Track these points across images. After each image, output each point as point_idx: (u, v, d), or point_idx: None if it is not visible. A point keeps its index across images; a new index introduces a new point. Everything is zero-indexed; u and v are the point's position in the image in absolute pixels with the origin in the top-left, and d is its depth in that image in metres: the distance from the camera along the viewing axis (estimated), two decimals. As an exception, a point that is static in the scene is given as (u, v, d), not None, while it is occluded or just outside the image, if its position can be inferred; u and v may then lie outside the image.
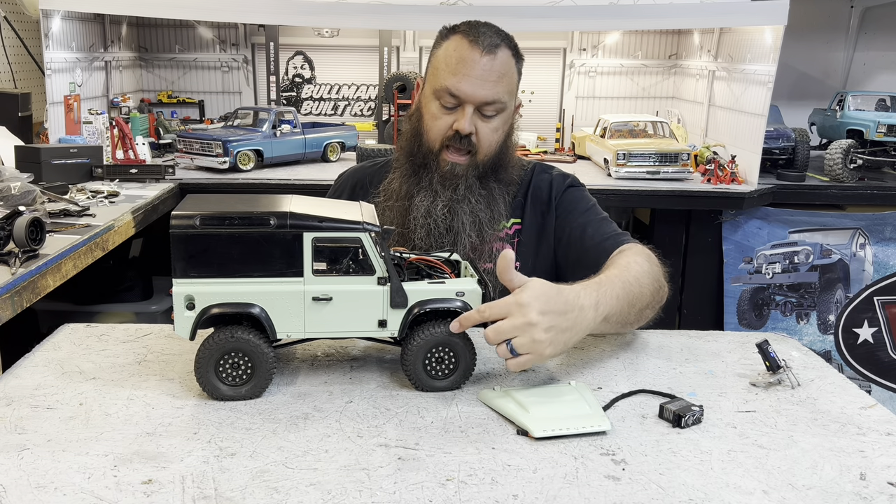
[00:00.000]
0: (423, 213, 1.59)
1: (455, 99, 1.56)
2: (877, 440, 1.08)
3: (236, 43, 3.75)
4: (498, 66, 1.56)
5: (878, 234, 3.15)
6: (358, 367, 1.27)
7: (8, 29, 3.13)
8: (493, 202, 1.63)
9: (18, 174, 2.06)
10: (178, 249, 1.08)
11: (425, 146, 1.62)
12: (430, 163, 1.61)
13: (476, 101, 1.56)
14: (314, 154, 3.22)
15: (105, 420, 1.07)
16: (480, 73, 1.54)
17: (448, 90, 1.56)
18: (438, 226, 1.59)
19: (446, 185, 1.60)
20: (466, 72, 1.54)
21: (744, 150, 3.03)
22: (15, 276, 1.59)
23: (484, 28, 1.59)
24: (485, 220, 1.61)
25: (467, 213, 1.59)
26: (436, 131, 1.60)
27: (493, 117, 1.59)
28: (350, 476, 0.94)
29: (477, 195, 1.61)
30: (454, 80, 1.55)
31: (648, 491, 0.93)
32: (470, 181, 1.60)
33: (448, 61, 1.57)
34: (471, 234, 1.59)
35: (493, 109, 1.58)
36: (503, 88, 1.58)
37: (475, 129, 1.58)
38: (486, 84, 1.55)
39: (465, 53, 1.55)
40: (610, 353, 1.37)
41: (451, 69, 1.56)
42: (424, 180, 1.61)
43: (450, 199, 1.59)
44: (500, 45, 1.57)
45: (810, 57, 3.89)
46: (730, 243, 3.10)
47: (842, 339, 3.23)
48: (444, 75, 1.57)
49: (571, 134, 3.70)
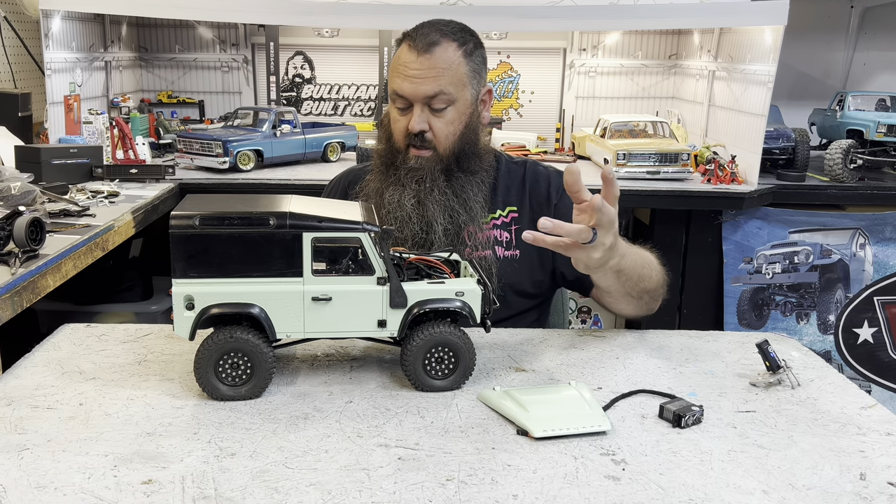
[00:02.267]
0: (395, 206, 1.64)
1: (403, 100, 1.65)
2: (877, 440, 1.08)
3: (236, 43, 3.75)
4: (436, 62, 1.62)
5: (878, 234, 3.15)
6: (358, 367, 1.27)
7: (8, 29, 3.12)
8: (462, 192, 1.67)
9: (18, 174, 2.06)
10: (178, 249, 1.08)
11: (393, 147, 1.70)
12: (398, 160, 1.68)
13: (419, 99, 1.63)
14: (314, 154, 3.22)
15: (105, 420, 1.07)
16: (416, 72, 1.62)
17: (395, 92, 1.65)
18: (411, 217, 1.64)
19: (413, 178, 1.66)
20: (405, 72, 1.63)
21: (744, 150, 3.03)
22: (15, 276, 1.58)
23: (426, 28, 1.65)
24: (459, 207, 1.66)
25: (437, 202, 1.64)
26: (398, 133, 1.69)
27: (444, 110, 1.65)
28: (350, 476, 0.94)
29: (443, 185, 1.65)
30: (398, 82, 1.64)
31: (648, 491, 0.93)
32: (434, 174, 1.66)
33: (393, 65, 1.68)
34: (444, 223, 1.64)
35: (441, 102, 1.63)
36: (446, 81, 1.63)
37: (429, 125, 1.64)
38: (424, 81, 1.62)
39: (404, 56, 1.64)
40: (610, 353, 1.37)
41: (394, 72, 1.66)
42: (393, 176, 1.68)
43: (416, 191, 1.65)
44: (440, 40, 1.63)
45: (810, 57, 3.89)
46: (730, 243, 3.10)
47: (842, 339, 3.23)
48: (392, 80, 1.67)
49: (571, 134, 3.70)
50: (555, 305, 1.89)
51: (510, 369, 1.28)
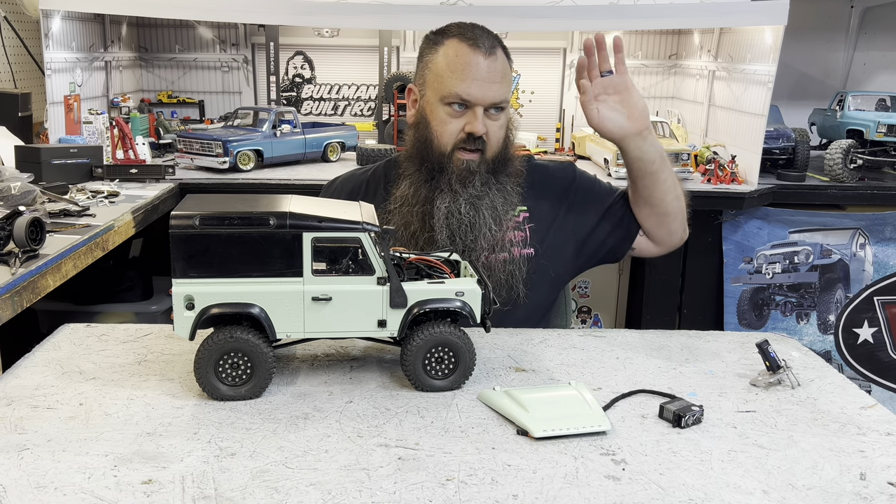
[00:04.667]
0: (446, 214, 1.61)
1: (465, 103, 1.60)
2: (877, 440, 1.08)
3: (236, 43, 3.75)
4: (499, 67, 1.61)
5: (878, 234, 3.15)
6: (358, 367, 1.27)
7: (8, 29, 3.12)
8: (507, 194, 1.67)
9: (18, 174, 2.05)
10: (178, 249, 1.08)
11: (437, 151, 1.64)
12: (445, 165, 1.63)
13: (486, 103, 1.60)
14: (314, 154, 3.22)
15: (105, 420, 1.07)
16: (486, 75, 1.58)
17: (458, 95, 1.59)
18: (462, 224, 1.62)
19: (464, 184, 1.63)
20: (474, 75, 1.57)
21: (744, 150, 3.03)
22: (15, 276, 1.58)
23: (479, 30, 1.63)
24: (502, 212, 1.66)
25: (488, 206, 1.63)
26: (447, 136, 1.62)
27: (499, 115, 1.64)
28: (350, 476, 0.94)
29: (494, 189, 1.65)
30: (464, 86, 1.58)
31: (648, 491, 0.93)
32: (484, 176, 1.64)
33: (452, 67, 1.59)
34: (492, 226, 1.64)
35: (499, 107, 1.63)
36: (506, 88, 1.63)
37: (485, 128, 1.62)
38: (493, 86, 1.59)
39: (470, 58, 1.58)
40: (610, 353, 1.37)
41: (459, 75, 1.58)
42: (443, 183, 1.63)
43: (470, 195, 1.63)
44: (496, 45, 1.62)
45: (810, 57, 3.88)
46: (730, 243, 3.10)
47: (842, 339, 3.23)
48: (451, 81, 1.59)
49: (571, 134, 3.70)
50: (558, 307, 1.89)
51: (510, 369, 1.28)
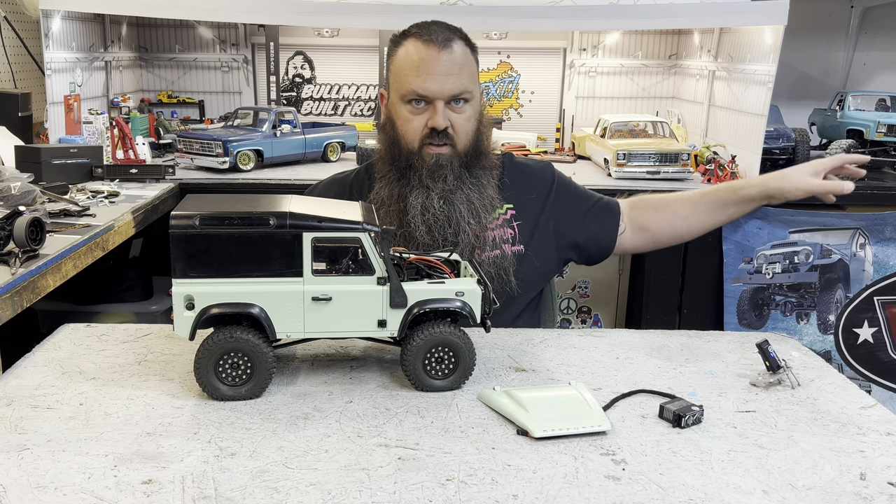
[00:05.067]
0: (420, 210, 1.62)
1: (424, 98, 1.62)
2: (877, 440, 1.08)
3: (236, 43, 3.75)
4: (457, 58, 1.62)
5: (878, 234, 3.15)
6: (358, 367, 1.27)
7: (8, 29, 3.12)
8: (483, 188, 1.67)
9: (18, 174, 2.05)
10: (178, 249, 1.08)
11: (405, 149, 1.66)
12: (415, 162, 1.65)
13: (444, 97, 1.61)
14: (314, 154, 3.21)
15: (105, 420, 1.07)
16: (442, 68, 1.60)
17: (415, 92, 1.61)
18: (438, 219, 1.62)
19: (436, 178, 1.63)
20: (429, 70, 1.60)
21: (744, 150, 3.03)
22: (15, 276, 1.58)
23: (434, 26, 1.65)
24: (479, 206, 1.65)
25: (462, 201, 1.63)
26: (412, 133, 1.65)
27: (464, 107, 1.64)
28: (350, 476, 0.94)
29: (468, 183, 1.65)
30: (419, 81, 1.60)
31: (648, 491, 0.93)
32: (456, 170, 1.64)
33: (409, 64, 1.62)
34: (470, 220, 1.64)
35: (462, 99, 1.63)
36: (467, 78, 1.63)
37: (450, 122, 1.63)
38: (450, 78, 1.60)
39: (424, 53, 1.60)
40: (610, 353, 1.37)
41: (414, 71, 1.61)
42: (414, 179, 1.65)
43: (442, 189, 1.63)
44: (453, 38, 1.63)
45: (810, 57, 3.88)
46: (730, 243, 3.10)
47: (842, 339, 3.23)
48: (408, 79, 1.62)
49: (571, 134, 3.69)
50: (545, 302, 1.90)
51: (510, 369, 1.28)
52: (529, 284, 1.72)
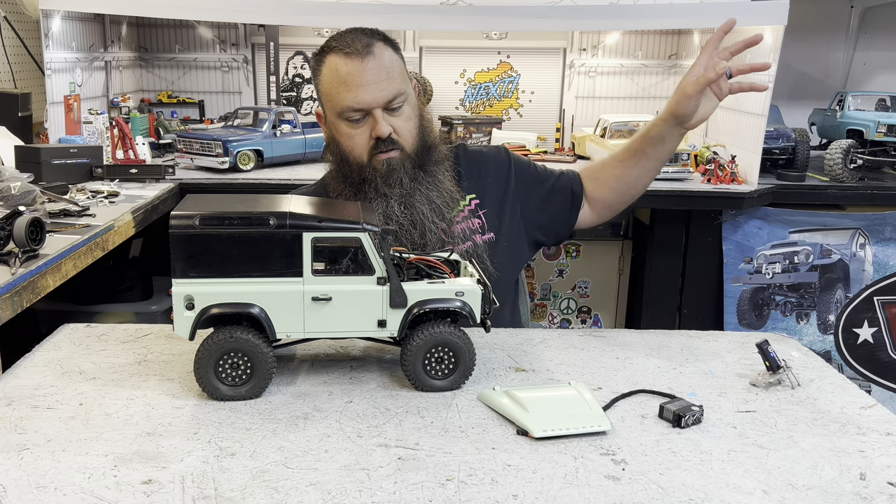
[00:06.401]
0: (383, 219, 1.60)
1: (360, 111, 1.59)
2: (877, 440, 1.08)
3: (236, 43, 3.75)
4: (382, 63, 1.59)
5: (878, 234, 3.15)
6: (358, 367, 1.27)
7: (8, 29, 3.12)
8: (440, 183, 1.66)
9: (18, 174, 2.05)
10: (178, 249, 1.08)
11: (355, 163, 1.64)
12: (367, 174, 1.63)
13: (380, 104, 1.59)
14: (314, 154, 3.21)
15: (105, 420, 1.07)
16: (370, 76, 1.57)
17: (350, 107, 1.59)
18: (402, 224, 1.61)
19: (391, 184, 1.62)
20: (358, 82, 1.57)
21: (744, 150, 3.03)
22: (15, 276, 1.58)
23: (350, 35, 1.62)
24: (441, 203, 1.64)
25: (423, 202, 1.62)
26: (359, 147, 1.63)
27: (401, 108, 1.62)
28: (350, 476, 0.94)
29: (424, 182, 1.64)
30: (352, 96, 1.58)
31: (648, 491, 0.93)
32: (410, 171, 1.63)
33: (337, 81, 1.59)
34: (434, 220, 1.62)
35: (397, 102, 1.61)
36: (397, 80, 1.61)
37: (392, 127, 1.61)
38: (379, 85, 1.58)
39: (349, 66, 1.57)
40: (610, 353, 1.37)
41: (344, 86, 1.58)
42: (370, 191, 1.63)
43: (400, 194, 1.62)
44: (373, 42, 1.60)
45: (810, 57, 3.88)
46: (730, 243, 3.10)
47: (842, 339, 3.23)
48: (340, 95, 1.59)
49: (571, 134, 3.69)
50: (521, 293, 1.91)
51: (510, 369, 1.28)
52: (506, 270, 1.71)
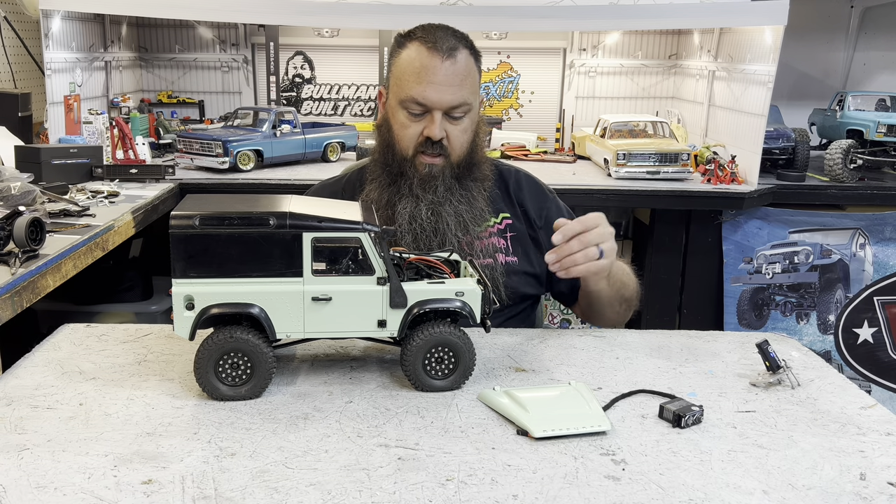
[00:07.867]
0: (408, 219, 1.60)
1: (422, 107, 1.58)
2: (877, 440, 1.08)
3: (236, 43, 3.75)
4: (460, 69, 1.58)
5: (878, 234, 3.15)
6: (358, 367, 1.27)
7: (8, 29, 3.12)
8: (474, 200, 1.64)
9: (18, 174, 2.05)
10: (178, 249, 1.08)
11: (399, 155, 1.63)
12: (407, 170, 1.62)
13: (443, 107, 1.57)
14: (314, 154, 3.22)
15: (105, 420, 1.07)
16: (443, 78, 1.55)
17: (414, 99, 1.57)
18: (425, 229, 1.60)
19: (426, 188, 1.61)
20: (430, 79, 1.55)
21: (744, 150, 3.03)
22: (15, 276, 1.58)
23: (440, 32, 1.60)
24: (468, 218, 1.63)
25: (451, 213, 1.60)
26: (407, 140, 1.61)
27: (461, 119, 1.61)
28: (350, 476, 0.94)
29: (458, 195, 1.62)
30: (419, 89, 1.56)
31: (648, 491, 0.93)
32: (448, 181, 1.62)
33: (410, 69, 1.58)
34: (457, 233, 1.61)
35: (460, 112, 1.60)
36: (468, 90, 1.59)
37: (446, 133, 1.59)
38: (450, 89, 1.56)
39: (427, 60, 1.56)
40: (610, 353, 1.37)
41: (415, 77, 1.56)
42: (404, 187, 1.62)
43: (431, 201, 1.60)
44: (459, 46, 1.58)
45: (810, 57, 3.88)
46: (730, 243, 3.10)
47: (842, 339, 3.23)
48: (408, 84, 1.57)
49: (571, 134, 3.70)
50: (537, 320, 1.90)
51: (510, 369, 1.28)
52: (519, 296, 1.70)
